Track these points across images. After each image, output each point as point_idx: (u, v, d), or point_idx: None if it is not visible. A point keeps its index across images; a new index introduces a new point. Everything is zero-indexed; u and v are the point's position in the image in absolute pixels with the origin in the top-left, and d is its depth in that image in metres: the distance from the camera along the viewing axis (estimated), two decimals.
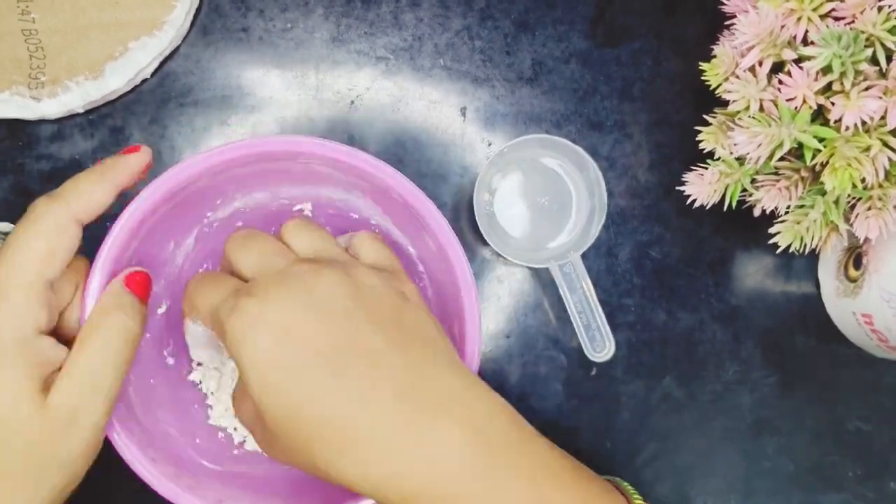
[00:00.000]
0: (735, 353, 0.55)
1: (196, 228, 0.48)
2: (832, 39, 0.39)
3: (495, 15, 0.55)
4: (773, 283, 0.55)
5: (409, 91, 0.55)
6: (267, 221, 0.49)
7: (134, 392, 0.44)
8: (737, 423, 0.55)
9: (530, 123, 0.55)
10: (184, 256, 0.49)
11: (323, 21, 0.55)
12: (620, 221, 0.55)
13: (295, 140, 0.43)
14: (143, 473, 0.42)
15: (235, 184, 0.46)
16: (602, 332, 0.51)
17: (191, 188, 0.43)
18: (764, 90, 0.43)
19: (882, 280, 0.48)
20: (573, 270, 0.51)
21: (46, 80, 0.51)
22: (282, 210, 0.49)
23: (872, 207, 0.44)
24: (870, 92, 0.39)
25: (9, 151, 0.53)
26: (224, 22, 0.54)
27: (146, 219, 0.42)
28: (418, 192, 0.43)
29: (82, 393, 0.37)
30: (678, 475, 0.54)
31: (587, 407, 0.54)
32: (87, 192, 0.38)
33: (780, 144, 0.42)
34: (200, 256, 0.49)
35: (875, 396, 0.55)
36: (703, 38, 0.51)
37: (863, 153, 0.41)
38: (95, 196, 0.38)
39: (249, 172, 0.45)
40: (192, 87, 0.54)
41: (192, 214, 0.47)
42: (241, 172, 0.45)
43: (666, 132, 0.55)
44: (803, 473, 0.55)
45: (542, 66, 0.55)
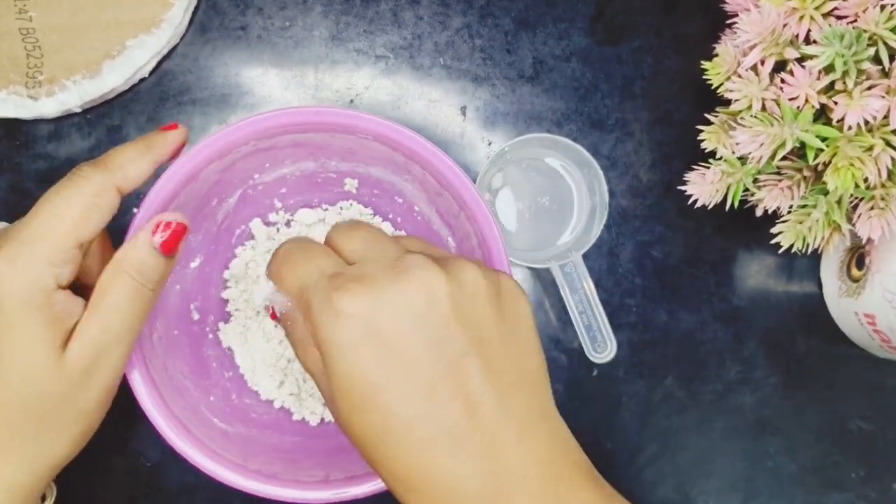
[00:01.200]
0: (737, 353, 0.55)
1: (241, 189, 0.48)
2: (834, 38, 0.39)
3: (495, 13, 0.55)
4: (775, 283, 0.55)
5: (409, 90, 0.54)
6: (311, 191, 0.50)
7: (157, 340, 0.45)
8: (738, 423, 0.54)
9: (531, 122, 0.55)
10: (224, 214, 0.49)
11: (322, 19, 0.54)
12: (622, 221, 0.54)
13: (356, 115, 0.42)
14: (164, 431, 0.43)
15: (288, 150, 0.46)
16: (603, 332, 0.51)
17: (244, 150, 0.44)
18: (766, 89, 0.43)
19: (885, 280, 0.47)
20: (574, 270, 0.51)
21: (44, 79, 0.51)
22: (327, 182, 0.50)
23: (875, 207, 0.44)
24: (872, 91, 0.39)
25: (6, 151, 0.53)
26: (222, 20, 0.54)
27: (196, 172, 0.42)
28: (469, 184, 0.42)
29: (98, 349, 0.37)
30: (680, 475, 0.54)
31: (588, 407, 0.54)
32: (130, 162, 0.38)
33: (783, 144, 0.42)
34: (242, 216, 0.50)
35: (877, 397, 0.55)
36: (704, 36, 0.51)
37: (865, 153, 0.40)
38: (137, 167, 0.39)
39: (303, 140, 0.45)
40: (190, 86, 0.54)
41: (241, 174, 0.47)
42: (295, 139, 0.45)
43: (667, 131, 0.55)
44: (805, 473, 0.55)
45: (543, 64, 0.55)
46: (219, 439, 0.45)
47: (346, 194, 0.51)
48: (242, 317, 0.51)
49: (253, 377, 0.50)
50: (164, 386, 0.44)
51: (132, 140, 0.40)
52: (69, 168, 0.53)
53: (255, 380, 0.50)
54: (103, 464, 0.53)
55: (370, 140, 0.44)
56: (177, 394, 0.45)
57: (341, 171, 0.49)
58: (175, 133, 0.41)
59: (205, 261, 0.49)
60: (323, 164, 0.48)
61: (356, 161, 0.48)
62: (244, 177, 0.48)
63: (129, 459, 0.53)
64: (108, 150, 0.39)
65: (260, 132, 0.42)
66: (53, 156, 0.53)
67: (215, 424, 0.46)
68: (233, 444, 0.45)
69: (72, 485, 0.52)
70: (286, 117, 0.42)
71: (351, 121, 0.42)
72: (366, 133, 0.43)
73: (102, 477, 0.52)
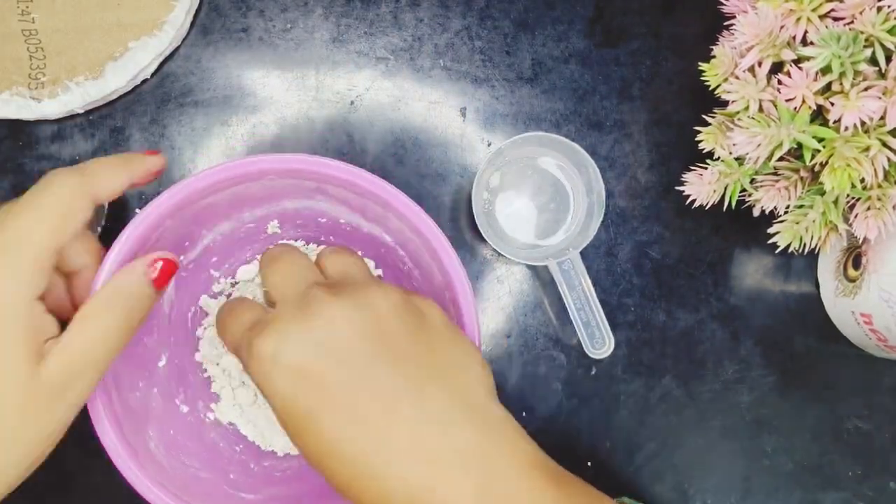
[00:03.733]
0: (734, 352, 0.55)
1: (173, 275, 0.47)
2: (831, 40, 0.39)
3: (495, 15, 0.55)
4: (772, 282, 0.55)
5: (409, 91, 0.55)
6: (239, 248, 0.49)
7: (155, 448, 0.44)
8: (736, 421, 0.55)
9: (530, 123, 0.55)
10: (169, 304, 0.48)
11: (323, 21, 0.55)
12: (620, 221, 0.55)
13: (252, 161, 0.42)
14: None
15: (199, 221, 0.45)
16: (601, 329, 0.51)
17: (160, 233, 0.42)
18: (763, 90, 0.43)
19: (881, 280, 0.48)
20: (572, 268, 0.51)
21: (46, 81, 0.51)
22: (250, 233, 0.49)
23: (871, 207, 0.44)
24: (869, 92, 0.39)
25: (9, 152, 0.53)
26: (224, 22, 0.54)
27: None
28: (380, 183, 0.42)
29: (76, 369, 0.36)
30: (677, 473, 0.54)
31: (587, 406, 0.54)
32: (107, 173, 0.38)
33: (780, 145, 0.42)
34: (186, 300, 0.48)
35: (874, 396, 0.55)
36: (701, 38, 0.51)
37: (862, 153, 0.41)
38: (112, 179, 0.38)
39: (210, 205, 0.44)
40: (192, 88, 0.54)
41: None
42: (203, 206, 0.43)
43: (665, 132, 0.55)
44: (802, 472, 0.55)
45: (542, 65, 0.55)
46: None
47: (272, 237, 0.50)
48: (230, 389, 0.50)
49: (264, 440, 0.50)
50: (177, 486, 0.42)
51: (111, 155, 0.40)
52: None
53: (267, 442, 0.50)
54: (103, 464, 0.53)
55: (276, 179, 0.43)
56: (195, 486, 0.43)
57: (259, 218, 0.48)
58: (154, 159, 0.41)
59: (170, 355, 0.48)
60: (238, 219, 0.47)
61: (267, 202, 0.47)
62: None
63: None
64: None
65: (168, 213, 0.41)
66: (56, 157, 0.53)
67: (244, 498, 0.45)
68: None
69: (72, 485, 0.53)
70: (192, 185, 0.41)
71: (258, 166, 0.42)
72: (272, 174, 0.42)
73: (103, 476, 0.53)
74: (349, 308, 0.35)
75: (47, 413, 0.35)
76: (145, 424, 0.44)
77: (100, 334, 0.37)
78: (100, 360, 0.37)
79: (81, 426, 0.39)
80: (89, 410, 0.40)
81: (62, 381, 0.35)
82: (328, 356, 0.34)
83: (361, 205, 0.45)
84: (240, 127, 0.54)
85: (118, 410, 0.42)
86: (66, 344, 0.36)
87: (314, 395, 0.33)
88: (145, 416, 0.44)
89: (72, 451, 0.52)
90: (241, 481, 0.46)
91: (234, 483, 0.46)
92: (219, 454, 0.48)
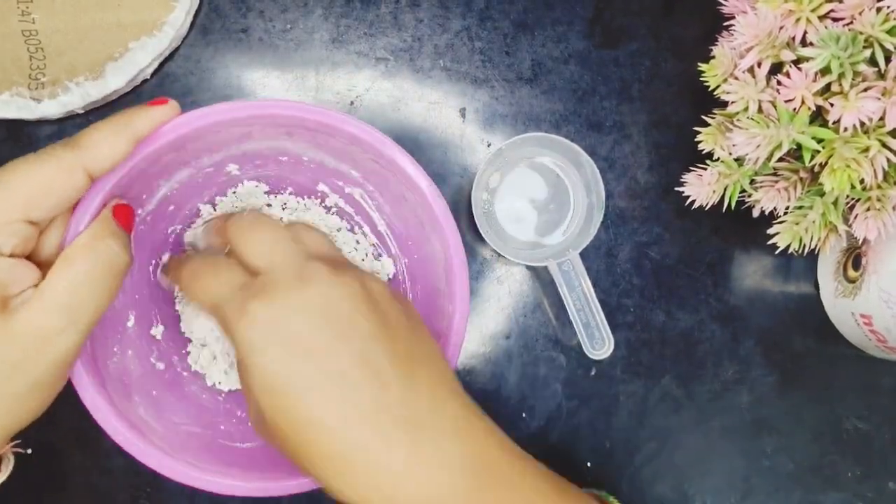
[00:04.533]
0: (734, 352, 0.55)
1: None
2: (831, 40, 0.39)
3: (494, 16, 0.55)
4: (771, 283, 0.55)
5: (409, 92, 0.55)
6: (198, 194, 0.48)
7: (144, 410, 0.43)
8: (735, 422, 0.55)
9: (529, 124, 0.55)
10: None
11: (322, 22, 0.55)
12: (619, 222, 0.55)
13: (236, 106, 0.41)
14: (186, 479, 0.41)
15: (159, 174, 0.44)
16: (601, 329, 0.51)
17: (116, 191, 0.41)
18: (763, 91, 0.43)
19: (881, 281, 0.48)
20: (572, 268, 0.51)
21: (46, 81, 0.51)
22: (209, 178, 0.48)
23: (871, 208, 0.44)
24: (868, 93, 0.39)
25: (9, 152, 0.53)
26: (224, 22, 0.54)
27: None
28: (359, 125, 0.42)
29: (56, 316, 0.34)
30: (677, 474, 0.54)
31: (586, 407, 0.54)
32: (103, 142, 0.36)
33: (779, 145, 0.42)
34: (144, 255, 0.48)
35: (874, 396, 0.55)
36: (701, 38, 0.51)
37: (861, 154, 0.41)
38: (112, 146, 0.36)
39: (166, 157, 0.43)
40: (192, 88, 0.54)
41: (132, 228, 0.44)
42: (159, 160, 0.42)
43: (665, 133, 0.55)
44: (802, 472, 0.55)
45: (542, 66, 0.55)
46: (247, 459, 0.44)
47: (231, 180, 0.49)
48: (199, 342, 0.50)
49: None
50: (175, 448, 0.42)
51: (110, 116, 0.37)
52: None
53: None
54: (104, 463, 0.53)
55: (239, 126, 0.42)
56: (191, 443, 0.43)
57: (217, 163, 0.47)
58: (162, 109, 0.39)
59: (137, 313, 0.47)
60: (195, 166, 0.46)
61: (227, 147, 0.46)
62: None
63: (131, 459, 0.53)
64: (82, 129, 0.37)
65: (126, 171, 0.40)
66: None
67: (240, 448, 0.45)
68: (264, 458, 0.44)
69: (73, 484, 0.53)
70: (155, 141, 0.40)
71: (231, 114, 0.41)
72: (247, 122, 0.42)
73: (104, 476, 0.53)
74: (349, 286, 0.35)
75: (37, 359, 0.34)
76: (129, 390, 0.43)
77: (82, 275, 0.35)
78: (85, 303, 0.35)
79: (82, 426, 0.39)
80: (76, 387, 0.39)
81: (39, 327, 0.34)
82: (327, 329, 0.34)
83: (328, 141, 0.45)
84: None
85: (104, 381, 0.41)
86: (46, 287, 0.35)
87: (305, 367, 0.33)
88: (127, 382, 0.44)
89: (71, 451, 0.52)
90: (232, 431, 0.46)
91: (227, 434, 0.46)
92: (204, 408, 0.48)
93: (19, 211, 0.34)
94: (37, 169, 0.35)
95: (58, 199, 0.35)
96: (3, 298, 0.34)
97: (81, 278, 0.35)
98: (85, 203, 0.38)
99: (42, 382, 0.35)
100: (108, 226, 0.38)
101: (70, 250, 0.36)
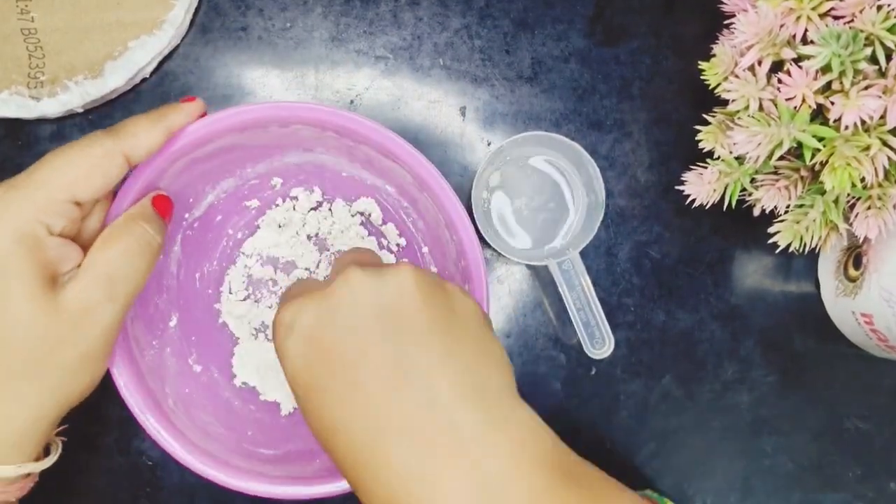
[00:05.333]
0: (734, 352, 0.55)
1: (178, 233, 0.48)
2: (831, 38, 0.39)
3: (494, 14, 0.55)
4: (772, 282, 0.55)
5: (409, 90, 0.55)
6: (243, 203, 0.50)
7: (174, 403, 0.45)
8: (736, 422, 0.55)
9: (530, 122, 0.55)
10: (176, 263, 0.49)
11: (322, 20, 0.55)
12: (619, 221, 0.55)
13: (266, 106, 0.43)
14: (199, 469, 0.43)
15: (204, 177, 0.46)
16: (601, 329, 0.51)
17: (165, 184, 0.44)
18: (763, 89, 0.43)
19: (882, 279, 0.48)
20: (572, 268, 0.51)
21: (46, 80, 0.51)
22: (253, 189, 0.50)
23: (872, 207, 0.44)
24: (869, 91, 0.39)
25: (8, 151, 0.53)
26: (223, 21, 0.54)
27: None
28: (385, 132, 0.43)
29: (98, 289, 0.37)
30: (677, 474, 0.54)
31: (587, 406, 0.54)
32: (141, 132, 0.39)
33: (780, 144, 0.42)
34: (192, 261, 0.50)
35: (874, 396, 0.55)
36: (701, 37, 0.51)
37: (862, 152, 0.41)
38: (149, 136, 0.40)
39: (213, 162, 0.45)
40: (192, 87, 0.54)
41: (172, 219, 0.47)
42: (206, 163, 0.45)
43: (665, 131, 0.55)
44: (802, 472, 0.55)
45: (542, 65, 0.55)
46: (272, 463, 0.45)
47: (275, 193, 0.51)
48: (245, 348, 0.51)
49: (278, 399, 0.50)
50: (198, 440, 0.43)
51: (147, 111, 0.41)
52: None
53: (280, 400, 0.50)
54: (105, 463, 0.53)
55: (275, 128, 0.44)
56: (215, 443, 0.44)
57: (261, 174, 0.49)
58: (191, 105, 0.42)
59: (181, 316, 0.49)
60: (241, 176, 0.49)
61: (269, 158, 0.48)
62: (176, 219, 0.47)
63: (131, 458, 0.53)
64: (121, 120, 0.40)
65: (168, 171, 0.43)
66: None
67: (264, 454, 0.46)
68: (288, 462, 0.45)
69: (73, 484, 0.53)
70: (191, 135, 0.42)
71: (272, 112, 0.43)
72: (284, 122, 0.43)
73: (104, 476, 0.53)
74: (371, 283, 0.34)
75: (79, 336, 0.37)
76: (162, 383, 0.45)
77: (120, 254, 0.38)
78: (123, 283, 0.38)
79: (82, 426, 0.39)
80: (110, 367, 0.42)
81: (83, 304, 0.37)
82: (338, 328, 0.33)
83: (364, 155, 0.46)
84: None
85: (139, 366, 0.43)
86: (88, 265, 0.38)
87: (321, 367, 0.33)
88: (162, 375, 0.45)
89: (72, 452, 0.52)
90: (259, 438, 0.47)
91: (253, 440, 0.47)
92: (235, 413, 0.49)
93: (66, 192, 0.37)
94: (81, 153, 0.37)
95: (101, 182, 0.38)
96: (53, 275, 0.37)
97: (119, 254, 0.38)
98: (123, 191, 0.41)
99: (89, 354, 0.38)
100: (145, 210, 0.41)
101: (109, 230, 0.39)
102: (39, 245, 0.36)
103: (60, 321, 0.36)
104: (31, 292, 0.36)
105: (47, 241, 0.36)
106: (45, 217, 0.36)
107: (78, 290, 0.37)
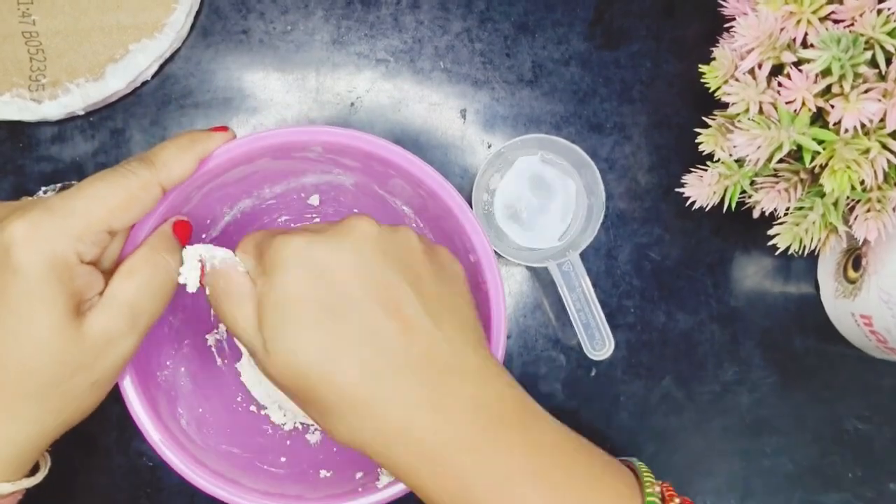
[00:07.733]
0: (734, 353, 0.55)
1: None
2: (831, 42, 0.39)
3: (495, 17, 0.55)
4: (772, 284, 0.55)
5: (409, 93, 0.55)
6: (259, 223, 0.50)
7: (187, 423, 0.45)
8: (736, 423, 0.55)
9: (530, 125, 0.55)
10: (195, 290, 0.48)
11: (323, 23, 0.55)
12: (620, 223, 0.55)
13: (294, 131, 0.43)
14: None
15: (223, 198, 0.46)
16: (601, 330, 0.51)
17: (188, 209, 0.43)
18: (763, 92, 0.43)
19: (881, 281, 0.48)
20: (572, 269, 0.51)
21: (47, 82, 0.51)
22: (270, 210, 0.50)
23: (871, 209, 0.44)
24: (869, 94, 0.40)
25: (9, 153, 0.53)
26: (224, 24, 0.54)
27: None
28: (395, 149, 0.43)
29: (122, 320, 0.37)
30: (677, 475, 0.54)
31: (587, 407, 0.54)
32: (174, 161, 0.39)
33: (780, 147, 0.42)
34: None
35: (874, 397, 0.55)
36: (701, 40, 0.51)
37: (862, 155, 0.41)
38: (181, 164, 0.40)
39: (237, 186, 0.45)
40: (193, 90, 0.54)
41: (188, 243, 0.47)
42: (229, 187, 0.45)
43: (665, 134, 0.55)
44: (802, 473, 0.55)
45: (542, 68, 0.55)
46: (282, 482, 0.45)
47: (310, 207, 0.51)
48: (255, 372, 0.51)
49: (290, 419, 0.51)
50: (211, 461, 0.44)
51: (177, 136, 0.41)
52: (73, 170, 0.53)
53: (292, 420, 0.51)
54: (106, 463, 0.53)
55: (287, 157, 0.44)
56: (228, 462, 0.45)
57: (277, 195, 0.49)
58: (221, 135, 0.42)
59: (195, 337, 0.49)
60: (258, 196, 0.48)
61: (286, 180, 0.48)
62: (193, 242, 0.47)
63: (131, 459, 0.53)
64: (153, 147, 0.40)
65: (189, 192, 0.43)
66: (57, 158, 0.53)
67: (276, 473, 0.46)
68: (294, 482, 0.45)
69: (74, 484, 0.53)
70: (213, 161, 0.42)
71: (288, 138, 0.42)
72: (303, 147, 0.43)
73: (105, 476, 0.53)
74: (382, 233, 0.36)
75: (98, 363, 0.37)
76: (175, 403, 0.45)
77: (143, 286, 0.39)
78: (144, 309, 0.38)
79: (82, 426, 0.39)
80: (121, 391, 0.42)
81: (107, 333, 0.37)
82: (356, 266, 0.35)
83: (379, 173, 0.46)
84: (240, 129, 0.54)
85: (150, 389, 0.43)
86: (112, 295, 0.38)
87: (326, 292, 0.34)
88: (175, 395, 0.45)
89: (72, 452, 0.52)
90: (271, 458, 0.47)
91: (266, 459, 0.47)
92: (247, 433, 0.49)
93: (104, 222, 0.37)
94: (120, 184, 0.37)
95: (138, 213, 0.39)
96: (78, 303, 0.37)
97: (142, 286, 0.38)
98: (143, 219, 0.41)
99: (100, 381, 0.38)
100: (166, 240, 0.41)
101: (133, 261, 0.39)
102: (70, 273, 0.36)
103: (83, 350, 0.36)
104: (57, 321, 0.35)
105: (78, 270, 0.36)
106: (80, 245, 0.36)
107: (103, 320, 0.37)
